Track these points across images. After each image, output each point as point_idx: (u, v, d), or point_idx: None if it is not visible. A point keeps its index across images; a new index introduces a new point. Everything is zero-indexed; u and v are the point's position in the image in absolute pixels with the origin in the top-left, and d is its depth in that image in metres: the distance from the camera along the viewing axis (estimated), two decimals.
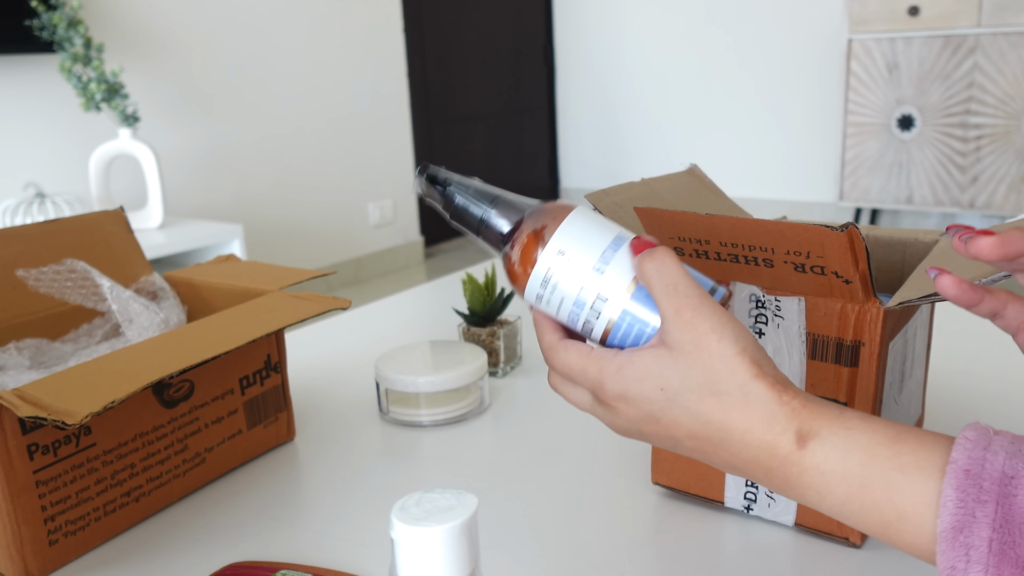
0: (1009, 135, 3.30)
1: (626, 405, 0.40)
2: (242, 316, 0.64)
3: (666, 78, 4.43)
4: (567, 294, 0.42)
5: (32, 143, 2.56)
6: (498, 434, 0.75)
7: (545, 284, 0.43)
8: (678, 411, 0.39)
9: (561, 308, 0.43)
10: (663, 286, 0.39)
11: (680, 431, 0.39)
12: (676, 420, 0.39)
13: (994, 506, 0.31)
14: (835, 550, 0.55)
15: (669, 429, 0.39)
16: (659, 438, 0.40)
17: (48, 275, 0.72)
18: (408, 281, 3.58)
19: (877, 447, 0.35)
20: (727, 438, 0.38)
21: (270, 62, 3.17)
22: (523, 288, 0.44)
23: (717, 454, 0.39)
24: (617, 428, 0.42)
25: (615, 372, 0.40)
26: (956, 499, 0.32)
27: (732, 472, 0.39)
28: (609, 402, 0.41)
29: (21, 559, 0.55)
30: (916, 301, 0.47)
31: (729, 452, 0.38)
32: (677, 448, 0.40)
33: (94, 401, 0.50)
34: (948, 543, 0.32)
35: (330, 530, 0.60)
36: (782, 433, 0.37)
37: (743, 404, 0.37)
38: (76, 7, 2.43)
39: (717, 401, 0.38)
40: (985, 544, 0.31)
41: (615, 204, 0.59)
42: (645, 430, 0.40)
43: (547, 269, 0.43)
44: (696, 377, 0.38)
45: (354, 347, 0.97)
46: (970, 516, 0.32)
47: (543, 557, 0.56)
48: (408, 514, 0.32)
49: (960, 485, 0.32)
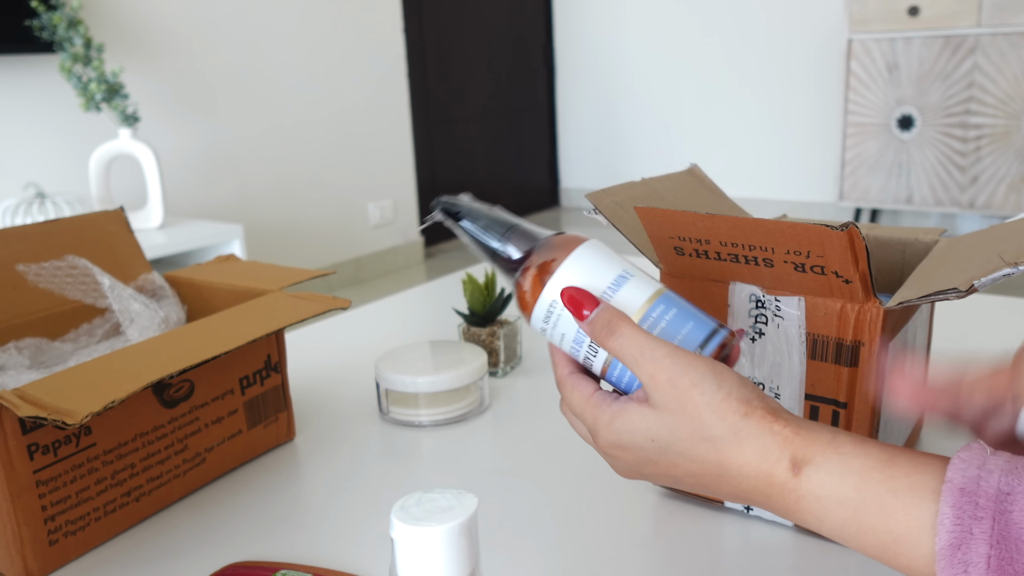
0: (1009, 135, 3.30)
1: (621, 451, 0.42)
2: (242, 316, 0.64)
3: (666, 78, 4.43)
4: (567, 329, 0.43)
5: (32, 143, 2.56)
6: (498, 434, 0.75)
7: (548, 318, 0.44)
8: (672, 456, 0.40)
9: (563, 342, 0.44)
10: (630, 357, 0.41)
11: (678, 471, 0.41)
12: (672, 463, 0.40)
13: (990, 522, 0.32)
14: (835, 550, 0.55)
15: (667, 470, 0.41)
16: (659, 478, 0.42)
17: (48, 271, 0.72)
18: (408, 281, 3.58)
19: (870, 471, 0.36)
20: (724, 473, 0.39)
21: (271, 62, 3.17)
22: (529, 317, 0.45)
23: (719, 487, 0.40)
24: (618, 470, 0.44)
25: (607, 423, 0.42)
26: (953, 517, 0.32)
27: (736, 500, 0.40)
28: (605, 449, 0.43)
29: (21, 559, 0.55)
30: (916, 301, 0.47)
31: (729, 484, 0.39)
32: (679, 485, 0.42)
33: (94, 401, 0.50)
34: (947, 560, 0.32)
35: (330, 530, 0.60)
36: (776, 463, 0.38)
37: (735, 442, 0.38)
38: (76, 7, 2.43)
39: (710, 445, 0.39)
40: (983, 560, 0.31)
41: (615, 204, 0.59)
42: (644, 471, 0.42)
43: (550, 303, 0.43)
44: (685, 430, 0.39)
45: (354, 347, 0.97)
46: (967, 533, 0.32)
47: (543, 557, 0.56)
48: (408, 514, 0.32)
49: (956, 503, 0.32)
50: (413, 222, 3.89)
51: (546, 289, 0.43)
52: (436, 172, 4.22)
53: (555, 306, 0.43)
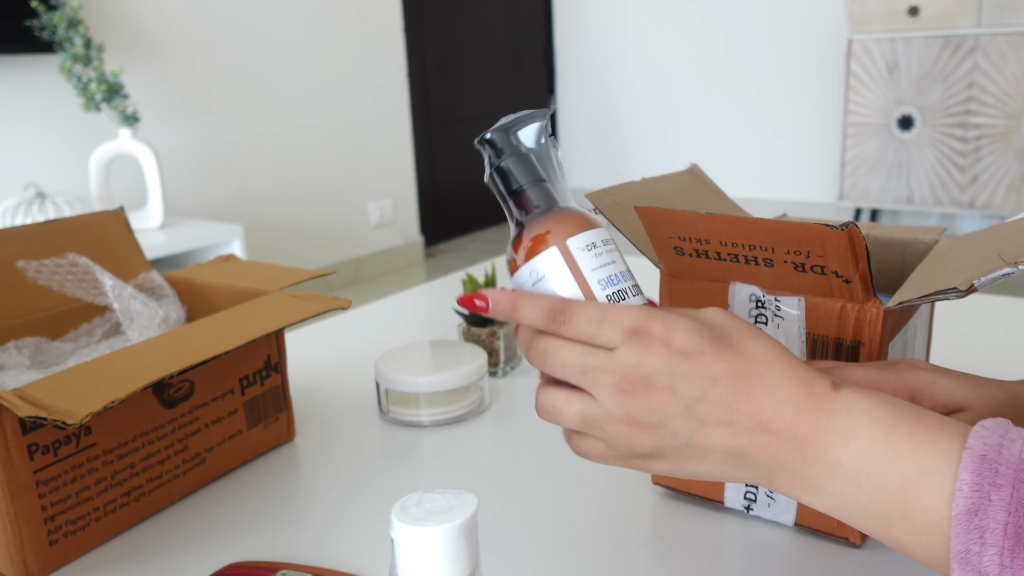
0: (1009, 135, 3.30)
1: (667, 342, 0.37)
2: (242, 316, 0.64)
3: (666, 78, 4.43)
4: (617, 257, 0.42)
5: (32, 143, 2.56)
6: (498, 434, 0.75)
7: (592, 247, 0.42)
8: (724, 345, 0.38)
9: (613, 265, 0.42)
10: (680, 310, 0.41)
11: (721, 366, 0.37)
12: (722, 354, 0.37)
13: (1010, 490, 0.32)
14: (835, 550, 0.55)
15: (709, 366, 0.37)
16: (690, 382, 0.37)
17: (49, 267, 0.72)
18: (408, 281, 3.58)
19: (903, 406, 0.36)
20: (767, 373, 0.37)
21: (270, 62, 3.17)
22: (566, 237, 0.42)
23: (749, 402, 0.37)
24: (636, 382, 0.38)
25: (663, 313, 0.38)
26: (972, 482, 0.32)
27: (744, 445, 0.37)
28: (648, 340, 0.38)
29: (21, 559, 0.55)
30: (916, 301, 0.47)
31: (765, 392, 0.37)
32: (700, 403, 0.37)
33: (94, 401, 0.50)
34: (963, 525, 0.32)
35: (330, 530, 0.60)
36: (819, 376, 0.38)
37: (782, 351, 0.38)
38: (76, 7, 2.43)
39: (761, 342, 0.38)
40: (1000, 527, 0.31)
41: (615, 203, 0.59)
42: (679, 371, 0.37)
43: (610, 236, 0.43)
44: (736, 327, 0.39)
45: (354, 347, 0.97)
46: (985, 499, 0.32)
47: (543, 557, 0.56)
48: (408, 514, 0.32)
49: (976, 469, 0.32)
50: (413, 222, 3.89)
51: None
52: (436, 172, 4.22)
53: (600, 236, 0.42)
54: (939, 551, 0.33)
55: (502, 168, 0.43)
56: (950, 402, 0.42)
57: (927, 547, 0.34)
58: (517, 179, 0.43)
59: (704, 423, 0.37)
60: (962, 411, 0.41)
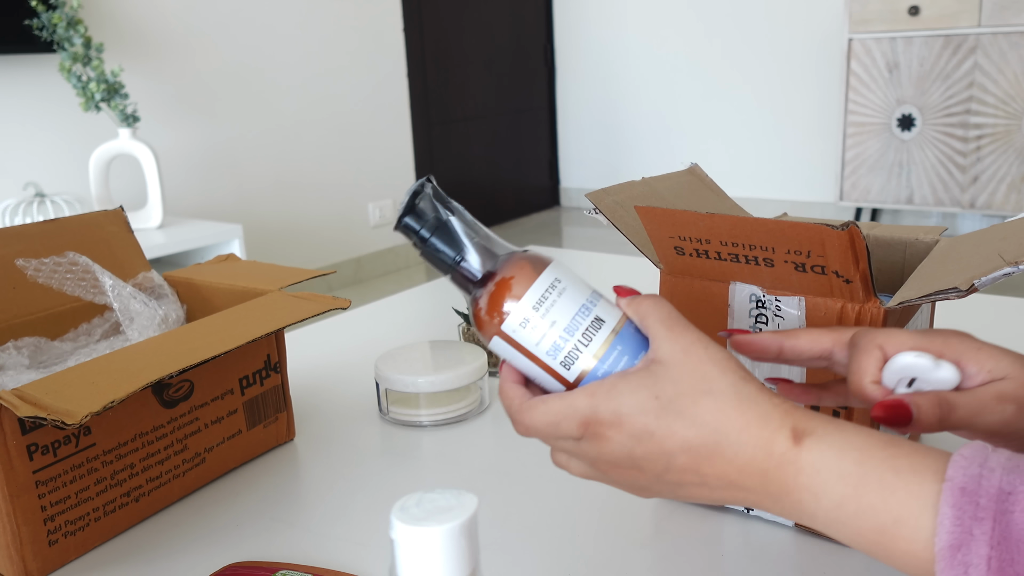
0: (1009, 135, 3.30)
1: (618, 428, 0.39)
2: (242, 316, 0.64)
3: (666, 77, 4.43)
4: (561, 316, 0.41)
5: (32, 143, 2.56)
6: (498, 434, 0.75)
7: (526, 321, 0.41)
8: (672, 417, 0.38)
9: (542, 342, 0.41)
10: (659, 314, 0.41)
11: (674, 443, 0.38)
12: (671, 430, 0.38)
13: (991, 523, 0.31)
14: (835, 550, 0.55)
15: (663, 444, 0.38)
16: (651, 460, 0.39)
17: (48, 266, 0.71)
18: (408, 281, 3.58)
19: (872, 448, 0.35)
20: (723, 441, 0.37)
21: (270, 61, 3.17)
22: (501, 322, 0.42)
23: (712, 467, 0.38)
24: (604, 462, 0.40)
25: (607, 391, 0.39)
26: (953, 517, 0.32)
27: (725, 497, 0.38)
28: (601, 430, 0.39)
29: (21, 559, 0.55)
30: (917, 301, 0.47)
31: (724, 459, 0.37)
32: (667, 473, 0.39)
33: (94, 401, 0.50)
34: (947, 562, 0.32)
35: (330, 530, 0.60)
36: (778, 430, 0.37)
37: (737, 402, 0.38)
38: (76, 7, 2.43)
39: (712, 401, 0.38)
40: (984, 561, 0.31)
41: (615, 203, 0.59)
42: (637, 453, 0.39)
43: (551, 282, 0.42)
44: (688, 380, 0.38)
45: (354, 347, 0.97)
46: (967, 534, 0.31)
47: (543, 557, 0.56)
48: (408, 514, 0.32)
49: (956, 503, 0.32)
50: None
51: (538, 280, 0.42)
52: (436, 172, 4.22)
53: (552, 289, 0.41)
54: None
55: (426, 255, 0.43)
56: (995, 368, 0.42)
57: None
58: (439, 264, 0.43)
59: (680, 484, 0.39)
60: (1004, 379, 0.41)
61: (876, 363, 0.42)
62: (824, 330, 0.46)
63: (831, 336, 0.46)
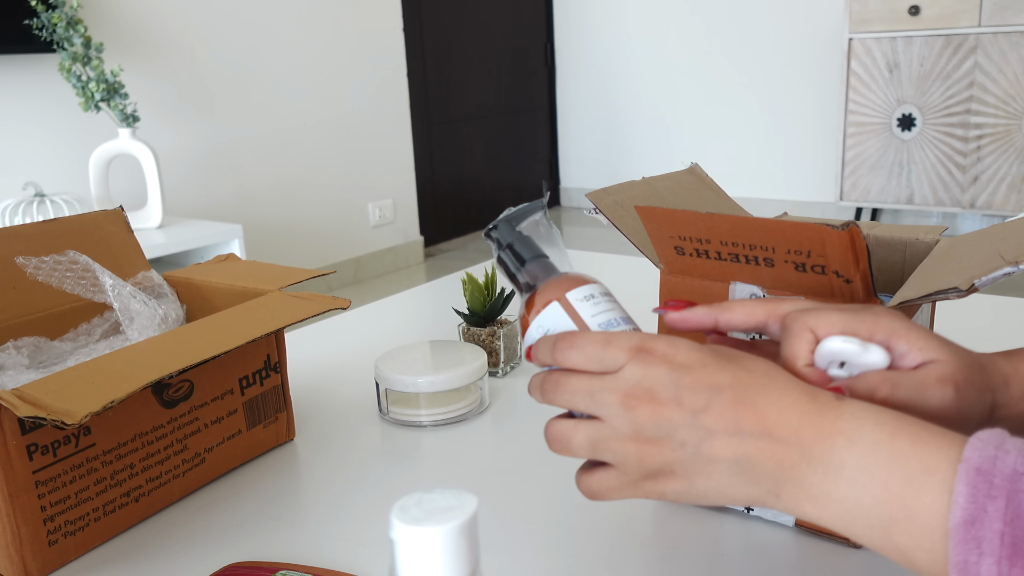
0: (1010, 135, 3.30)
1: (671, 358, 0.39)
2: (242, 316, 0.64)
3: (666, 77, 4.43)
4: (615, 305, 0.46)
5: (32, 143, 2.56)
6: (498, 434, 0.75)
7: (590, 297, 0.46)
8: (726, 360, 0.39)
9: (612, 311, 0.45)
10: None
11: (725, 376, 0.38)
12: (724, 367, 0.39)
13: (1005, 501, 0.32)
14: (835, 550, 0.55)
15: (713, 376, 0.38)
16: (695, 392, 0.38)
17: (48, 264, 0.71)
18: (408, 281, 3.58)
19: (905, 414, 0.37)
20: (771, 384, 0.38)
21: (270, 61, 3.17)
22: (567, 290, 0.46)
23: (755, 410, 0.38)
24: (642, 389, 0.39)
25: (666, 336, 0.41)
26: (967, 494, 0.33)
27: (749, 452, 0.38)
28: (651, 358, 0.39)
29: (20, 559, 0.54)
30: (917, 301, 0.47)
31: (769, 400, 0.38)
32: (704, 413, 0.38)
33: (93, 401, 0.50)
34: (960, 536, 0.32)
35: (330, 530, 0.60)
36: (820, 391, 0.39)
37: (783, 370, 0.40)
38: (76, 7, 2.43)
39: (761, 360, 0.40)
40: (997, 537, 0.32)
41: (616, 203, 0.59)
42: (683, 382, 0.38)
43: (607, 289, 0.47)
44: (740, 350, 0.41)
45: (354, 347, 0.97)
46: (981, 510, 0.32)
47: (543, 557, 0.56)
48: (408, 514, 0.32)
49: (971, 481, 0.33)
50: (413, 222, 3.89)
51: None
52: (436, 172, 4.22)
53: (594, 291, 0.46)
54: (940, 556, 0.34)
55: (508, 250, 0.49)
56: (926, 347, 0.42)
57: (929, 551, 0.34)
58: (521, 256, 0.49)
59: (711, 432, 0.38)
60: (934, 362, 0.41)
61: (808, 346, 0.43)
62: (757, 302, 0.46)
63: (764, 308, 0.46)
